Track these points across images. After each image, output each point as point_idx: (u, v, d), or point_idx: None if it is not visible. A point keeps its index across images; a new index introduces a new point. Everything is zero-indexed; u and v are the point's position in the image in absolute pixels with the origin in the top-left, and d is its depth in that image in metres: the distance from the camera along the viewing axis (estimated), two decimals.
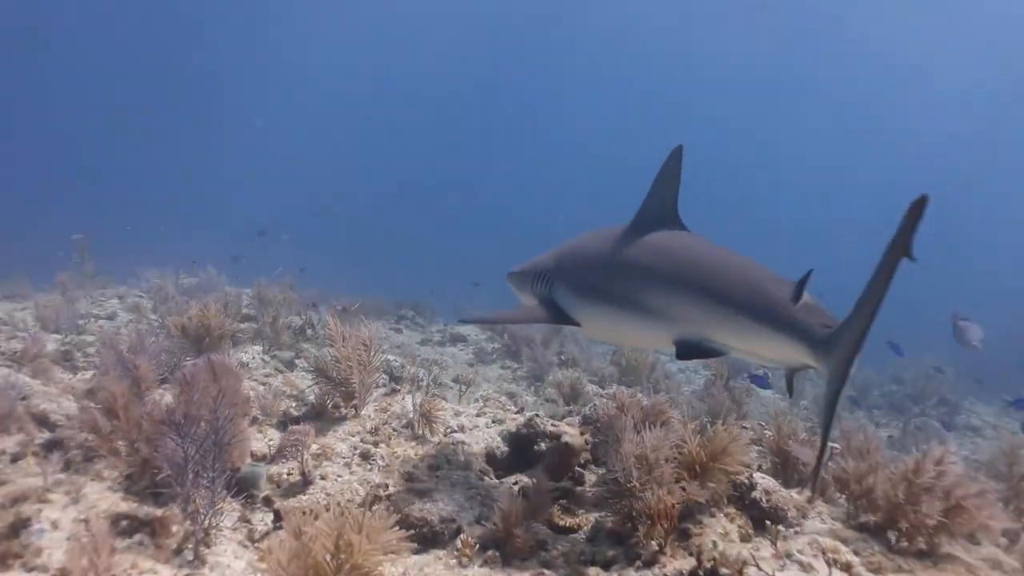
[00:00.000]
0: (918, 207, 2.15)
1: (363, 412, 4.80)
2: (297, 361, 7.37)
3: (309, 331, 8.70)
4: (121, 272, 13.41)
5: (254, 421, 4.58)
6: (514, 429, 4.76)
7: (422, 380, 5.87)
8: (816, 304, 2.98)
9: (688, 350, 3.29)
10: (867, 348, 2.58)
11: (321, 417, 4.67)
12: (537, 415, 4.88)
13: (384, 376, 6.90)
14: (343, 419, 4.67)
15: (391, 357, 7.54)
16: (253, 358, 6.42)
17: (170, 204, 45.70)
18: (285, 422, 4.64)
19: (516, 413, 5.11)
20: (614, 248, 3.73)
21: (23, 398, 4.46)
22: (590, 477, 4.48)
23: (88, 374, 5.69)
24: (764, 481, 3.76)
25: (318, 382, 4.79)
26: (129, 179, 55.23)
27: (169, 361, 5.44)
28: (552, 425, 4.71)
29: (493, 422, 4.90)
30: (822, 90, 65.96)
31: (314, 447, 4.12)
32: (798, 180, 72.22)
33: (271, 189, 55.53)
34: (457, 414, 5.05)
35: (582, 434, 4.83)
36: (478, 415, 5.04)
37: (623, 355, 9.97)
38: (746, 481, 3.71)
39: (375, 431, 4.42)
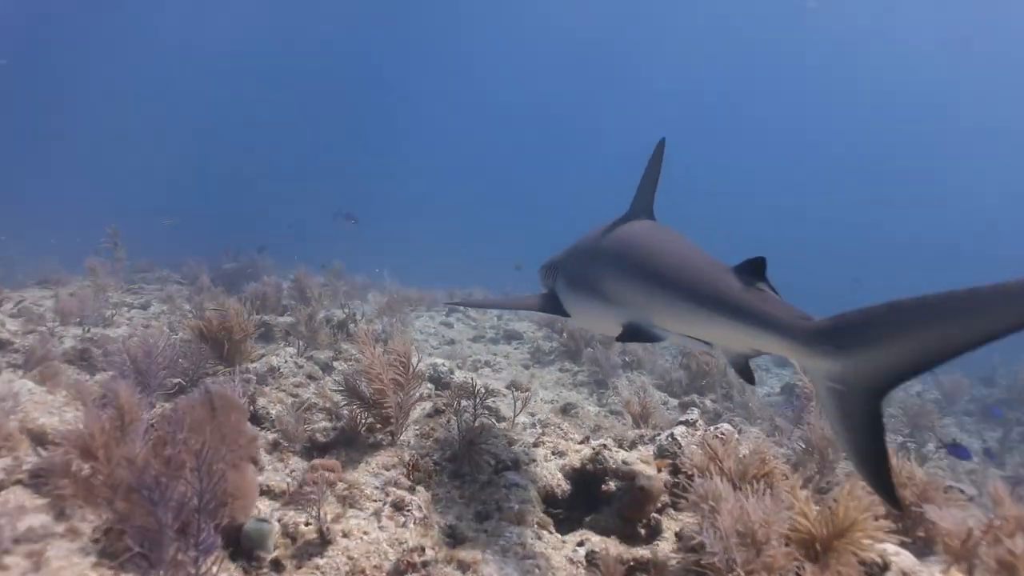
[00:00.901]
0: None
1: (401, 439, 4.09)
2: (336, 363, 6.71)
3: (352, 326, 8.05)
4: (170, 259, 13.13)
5: (275, 447, 3.91)
6: (578, 464, 3.97)
7: (470, 395, 5.12)
8: (769, 288, 2.72)
9: (631, 334, 3.30)
10: None
11: (352, 443, 3.97)
12: (605, 446, 4.08)
13: (429, 385, 6.19)
14: (378, 446, 3.96)
15: (439, 361, 6.85)
16: (285, 361, 5.78)
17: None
18: (311, 448, 3.95)
19: (580, 443, 4.30)
20: (595, 241, 3.88)
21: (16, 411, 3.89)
22: (669, 525, 3.68)
23: (109, 374, 5.13)
24: (900, 559, 2.90)
25: (349, 402, 4.09)
26: None
27: (189, 369, 4.83)
28: (624, 462, 3.91)
29: (553, 454, 4.11)
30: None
31: (340, 485, 3.41)
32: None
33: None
34: (511, 443, 4.28)
35: (659, 469, 4.03)
36: (535, 444, 4.25)
37: (693, 358, 9.07)
38: (878, 560, 2.86)
39: (414, 466, 3.68)
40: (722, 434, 3.92)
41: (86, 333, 6.52)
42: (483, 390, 6.41)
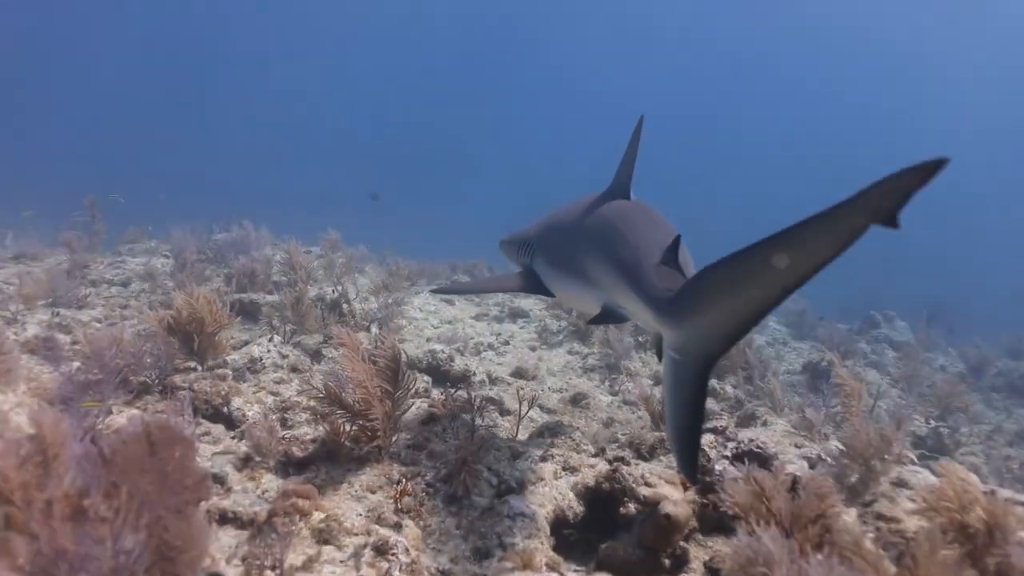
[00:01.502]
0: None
1: (391, 449, 3.58)
2: (325, 350, 6.20)
3: (345, 306, 7.52)
4: (158, 228, 12.55)
5: (246, 463, 3.40)
6: (593, 483, 3.48)
7: (467, 406, 4.61)
8: (677, 271, 2.65)
9: (603, 315, 3.33)
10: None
11: (334, 458, 3.46)
12: (623, 460, 3.59)
13: (425, 379, 5.67)
14: (363, 460, 3.46)
15: (437, 347, 6.34)
16: (268, 351, 5.27)
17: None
18: (287, 464, 3.45)
19: (594, 457, 3.79)
20: (575, 220, 3.79)
21: None
22: (697, 553, 3.21)
23: (74, 365, 4.62)
24: None
25: (330, 411, 3.57)
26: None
27: (155, 365, 4.31)
28: (645, 481, 3.41)
29: (564, 470, 3.60)
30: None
31: (316, 516, 2.91)
32: None
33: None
34: (515, 456, 3.77)
35: (684, 486, 3.54)
36: (543, 458, 3.74)
37: None
38: None
39: (403, 491, 3.17)
40: (771, 465, 3.39)
41: (54, 318, 6.00)
42: (484, 383, 5.92)
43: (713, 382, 7.66)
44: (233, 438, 3.88)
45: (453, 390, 5.51)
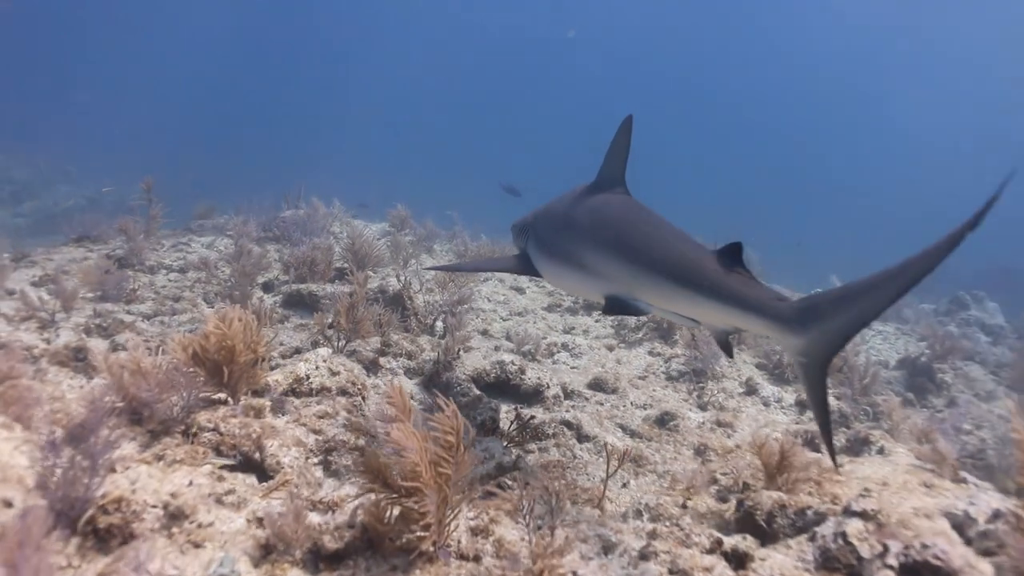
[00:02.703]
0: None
1: (446, 542, 2.85)
2: (384, 361, 5.54)
3: (408, 302, 6.84)
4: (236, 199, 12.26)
5: (265, 555, 2.74)
6: None
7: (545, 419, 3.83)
8: (749, 275, 2.99)
9: (614, 306, 3.49)
10: None
11: (376, 551, 2.76)
12: (746, 556, 2.75)
13: (492, 407, 4.92)
14: (411, 555, 2.73)
15: (506, 358, 5.60)
16: (316, 367, 4.62)
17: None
18: (316, 558, 2.77)
19: (708, 553, 2.95)
20: (569, 208, 3.99)
21: None
22: None
23: (105, 381, 4.10)
24: None
25: (370, 488, 2.85)
26: None
27: (178, 403, 3.71)
28: None
29: (671, 574, 2.79)
30: None
31: None
32: None
33: None
34: (606, 548, 2.98)
35: None
36: (643, 555, 2.92)
37: None
38: None
39: None
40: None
41: (93, 319, 5.54)
42: (558, 399, 5.10)
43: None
44: (263, 497, 3.24)
45: (526, 415, 4.76)
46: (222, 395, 3.93)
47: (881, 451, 5.52)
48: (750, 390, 6.62)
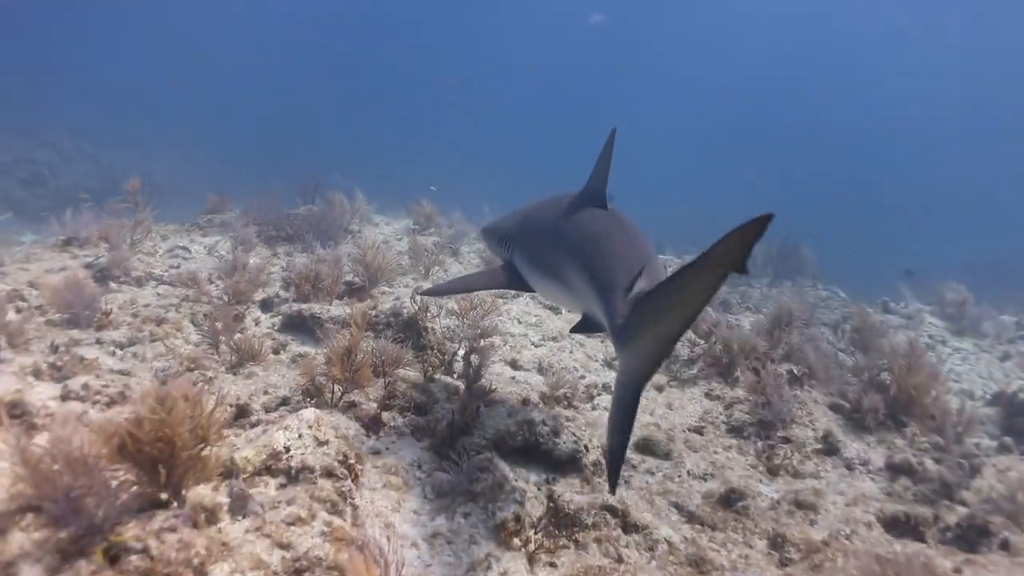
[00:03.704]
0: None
1: None
2: (388, 416, 4.56)
3: (424, 332, 5.85)
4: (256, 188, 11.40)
5: None
6: None
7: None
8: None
9: (583, 324, 3.61)
10: None
11: None
12: None
13: (520, 489, 3.90)
14: None
15: (536, 416, 4.59)
16: (299, 436, 3.66)
17: None
18: None
19: None
20: (555, 223, 3.99)
21: None
22: None
23: (45, 437, 3.20)
24: None
25: None
26: None
27: (99, 509, 2.77)
28: None
29: None
30: None
31: None
32: None
33: None
34: None
35: None
36: None
37: (893, 372, 6.41)
38: None
39: None
40: None
41: (48, 355, 4.68)
42: (599, 466, 4.03)
43: (908, 453, 5.57)
44: None
45: (562, 506, 3.76)
46: (163, 495, 3.00)
47: (1005, 546, 4.43)
48: (830, 448, 5.53)
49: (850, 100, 69.96)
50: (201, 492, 3.11)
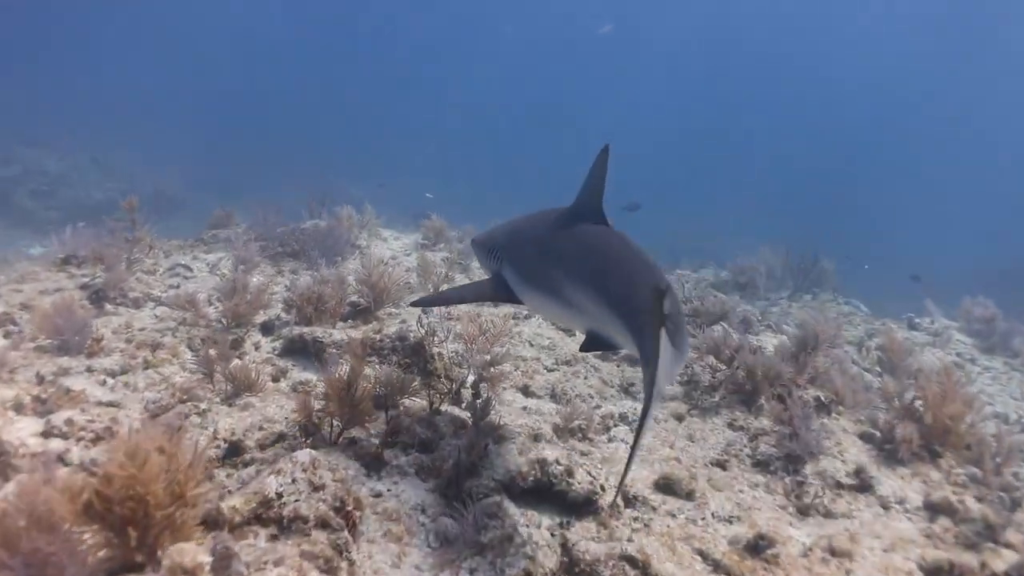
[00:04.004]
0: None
1: None
2: (391, 455, 4.26)
3: (431, 359, 5.56)
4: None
5: None
6: None
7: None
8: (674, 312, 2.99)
9: (591, 342, 3.58)
10: None
11: None
12: None
13: (528, 540, 3.57)
14: None
15: (549, 455, 4.28)
16: (292, 481, 3.38)
17: None
18: None
19: None
20: (549, 237, 3.95)
21: None
22: None
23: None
24: None
25: None
26: None
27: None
28: None
29: None
30: None
31: None
32: None
33: None
34: None
35: None
36: None
37: (926, 400, 6.04)
38: None
39: None
40: None
41: (33, 386, 4.43)
42: (617, 509, 3.72)
43: (947, 491, 5.19)
44: None
45: (577, 559, 3.44)
46: (139, 558, 2.72)
47: None
48: (862, 484, 5.17)
49: (849, 99, 69.73)
50: (182, 550, 2.81)
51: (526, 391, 6.11)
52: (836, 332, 8.18)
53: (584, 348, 3.66)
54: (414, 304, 4.84)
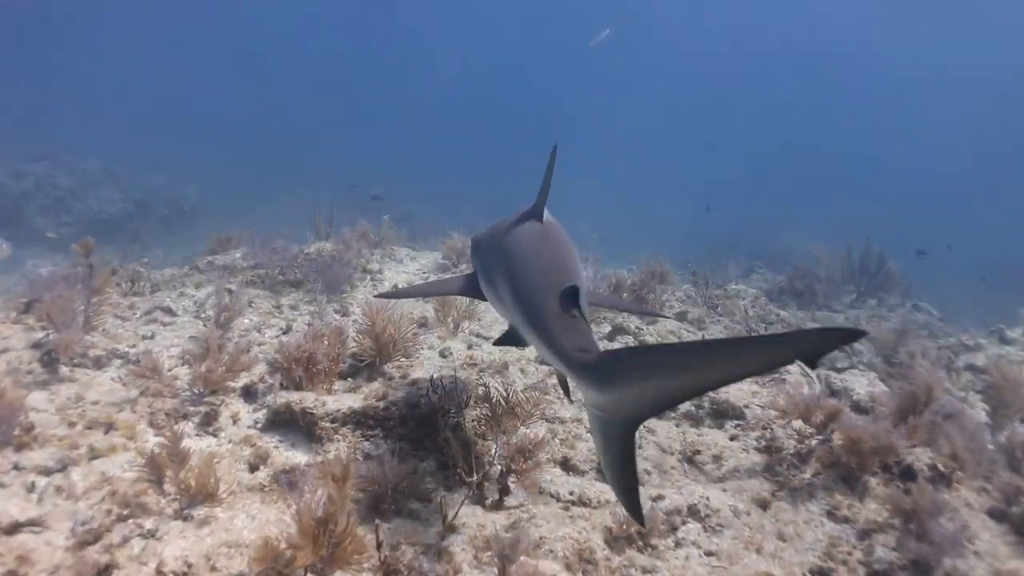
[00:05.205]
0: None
1: None
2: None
3: (444, 438, 4.39)
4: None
5: None
6: None
7: None
8: (579, 320, 2.84)
9: (505, 338, 3.77)
10: None
11: None
12: None
13: None
14: None
15: (568, 535, 3.05)
16: None
17: None
18: None
19: None
20: (500, 236, 3.96)
21: None
22: None
23: None
24: None
25: None
26: None
27: None
28: None
29: None
30: None
31: None
32: None
33: None
34: None
35: None
36: None
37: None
38: None
39: None
40: None
41: None
42: None
43: (982, 523, 3.87)
44: None
45: None
46: None
47: None
48: None
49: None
50: None
51: (566, 464, 4.91)
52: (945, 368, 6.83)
53: (497, 342, 3.89)
54: (381, 295, 4.92)
